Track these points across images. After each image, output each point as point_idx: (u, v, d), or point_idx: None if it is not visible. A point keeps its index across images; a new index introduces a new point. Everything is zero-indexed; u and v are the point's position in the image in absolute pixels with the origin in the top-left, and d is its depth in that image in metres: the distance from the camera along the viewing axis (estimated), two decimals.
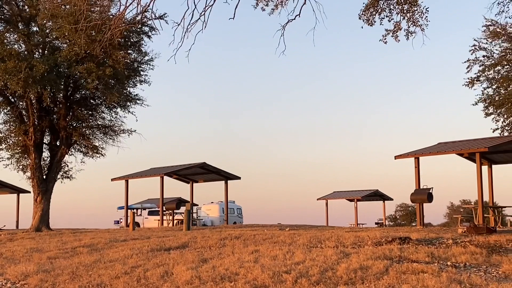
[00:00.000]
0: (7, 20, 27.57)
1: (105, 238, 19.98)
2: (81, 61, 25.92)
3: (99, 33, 17.42)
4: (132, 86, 29.25)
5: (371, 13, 14.88)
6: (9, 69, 23.86)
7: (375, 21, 14.98)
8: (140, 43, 28.50)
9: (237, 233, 18.88)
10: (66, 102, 28.77)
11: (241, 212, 46.34)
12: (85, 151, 30.80)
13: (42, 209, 28.49)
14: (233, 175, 37.52)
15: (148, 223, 41.50)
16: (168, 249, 15.85)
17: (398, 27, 14.79)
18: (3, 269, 14.38)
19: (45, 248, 18.03)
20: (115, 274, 12.25)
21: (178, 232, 22.32)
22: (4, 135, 29.60)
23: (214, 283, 10.54)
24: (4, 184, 42.19)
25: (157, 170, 35.62)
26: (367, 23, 14.99)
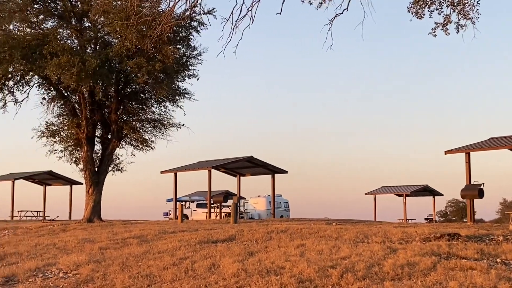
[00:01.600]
0: (61, 16, 28.18)
1: (154, 229, 20.32)
2: (131, 56, 26.32)
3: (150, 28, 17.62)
4: (181, 81, 29.57)
5: (421, 6, 14.69)
6: (62, 64, 24.38)
7: (424, 14, 14.79)
8: (189, 38, 28.78)
9: (283, 227, 18.95)
10: (117, 96, 29.29)
11: (288, 205, 46.38)
12: (135, 144, 31.30)
13: (94, 200, 29.09)
14: (280, 169, 37.61)
15: (196, 215, 41.96)
16: (215, 242, 16.05)
17: (448, 20, 14.56)
18: (56, 259, 14.80)
19: (97, 239, 18.45)
20: (163, 265, 12.50)
21: (225, 225, 22.53)
22: (58, 128, 30.33)
23: (260, 276, 10.66)
24: (57, 176, 43.27)
25: (205, 164, 35.98)
26: (416, 16, 14.81)
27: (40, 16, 27.88)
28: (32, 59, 25.68)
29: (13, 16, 26.27)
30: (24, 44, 25.36)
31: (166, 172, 36.33)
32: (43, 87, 29.98)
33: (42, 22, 28.02)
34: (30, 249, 17.19)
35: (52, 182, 46.23)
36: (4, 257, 16.05)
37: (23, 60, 25.35)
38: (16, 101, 28.93)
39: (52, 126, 30.26)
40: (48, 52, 24.96)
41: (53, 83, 27.98)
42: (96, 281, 11.80)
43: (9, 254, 16.45)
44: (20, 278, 12.83)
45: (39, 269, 13.59)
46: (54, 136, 30.19)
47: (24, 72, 27.72)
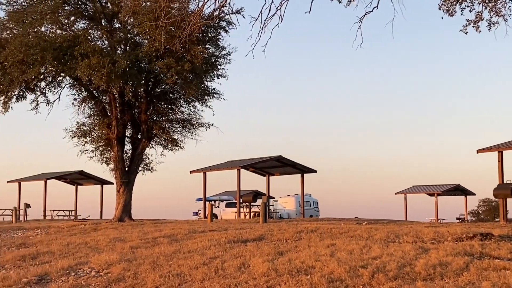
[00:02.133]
0: (91, 18, 28.48)
1: (184, 229, 20.41)
2: (161, 56, 26.46)
3: (178, 29, 17.75)
4: (209, 80, 29.66)
5: (452, 3, 14.55)
6: (93, 64, 24.62)
7: (456, 11, 14.64)
8: (217, 38, 28.84)
9: (313, 227, 18.90)
10: (147, 97, 29.49)
11: (317, 205, 46.25)
12: (164, 144, 31.48)
13: (125, 200, 29.33)
14: (309, 168, 37.54)
15: (226, 215, 42.09)
16: (245, 241, 16.06)
17: (479, 17, 14.41)
18: (88, 258, 14.96)
19: (127, 238, 18.61)
20: (194, 264, 12.55)
21: (255, 225, 22.54)
22: (89, 128, 30.66)
23: (290, 276, 10.64)
24: (88, 175, 43.75)
25: (234, 163, 36.06)
26: (447, 13, 14.67)
27: (71, 18, 28.21)
28: (63, 61, 25.96)
29: (45, 18, 26.61)
30: (56, 45, 25.65)
31: (196, 172, 36.50)
32: (74, 88, 30.34)
33: (73, 24, 28.36)
34: (63, 248, 17.40)
35: (83, 182, 46.77)
36: (37, 256, 16.27)
37: (55, 62, 25.64)
38: (48, 102, 29.31)
39: (83, 127, 30.63)
40: (79, 53, 25.23)
41: (84, 84, 28.28)
42: (128, 280, 11.90)
43: (42, 253, 16.67)
44: (53, 277, 12.99)
45: (71, 268, 13.74)
46: (85, 136, 30.54)
47: (55, 73, 28.06)
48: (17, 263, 15.50)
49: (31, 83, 27.67)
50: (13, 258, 16.12)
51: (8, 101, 27.64)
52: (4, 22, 27.79)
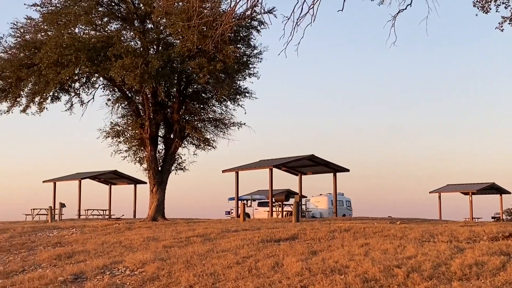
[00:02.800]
0: (124, 18, 28.74)
1: (217, 228, 20.48)
2: (193, 56, 26.58)
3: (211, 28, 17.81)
4: (241, 80, 29.73)
5: (487, 0, 14.36)
6: (126, 65, 24.85)
7: (491, 8, 14.43)
8: (249, 37, 28.89)
9: (346, 226, 18.82)
10: (179, 96, 29.65)
11: (350, 204, 46.03)
12: (197, 144, 31.62)
13: (158, 199, 29.54)
14: (342, 167, 37.40)
15: (258, 214, 42.11)
16: (278, 241, 16.06)
17: None
18: (122, 257, 15.09)
19: (161, 237, 18.74)
20: (227, 263, 12.58)
21: (288, 224, 22.51)
22: (122, 128, 30.99)
23: (324, 275, 10.60)
24: (122, 175, 44.19)
25: (266, 162, 36.07)
26: (482, 11, 14.48)
27: (104, 19, 28.51)
28: (97, 61, 26.26)
29: (79, 20, 26.93)
30: (89, 46, 25.95)
31: (228, 171, 36.60)
32: (107, 89, 30.70)
33: (106, 25, 28.66)
34: (97, 247, 17.60)
35: (117, 181, 47.25)
36: (73, 255, 16.48)
37: (89, 62, 25.92)
38: (82, 103, 29.72)
39: (116, 127, 30.97)
40: (113, 54, 25.49)
41: (117, 84, 28.56)
42: (162, 279, 11.97)
43: (77, 252, 16.87)
44: (88, 276, 13.13)
45: (106, 267, 13.87)
46: (118, 136, 30.88)
47: (89, 74, 28.41)
48: (53, 262, 15.72)
49: (65, 84, 28.05)
50: (49, 257, 16.35)
51: (43, 102, 28.05)
52: (39, 23, 28.22)
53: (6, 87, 27.85)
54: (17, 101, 28.07)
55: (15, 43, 28.21)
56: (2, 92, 27.95)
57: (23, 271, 14.89)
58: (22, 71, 26.64)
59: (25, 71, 26.67)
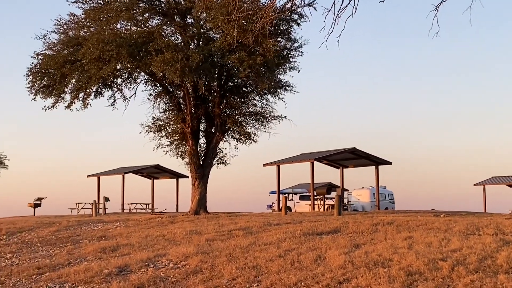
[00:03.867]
0: (165, 14, 28.92)
1: (259, 221, 20.52)
2: (233, 50, 26.59)
3: (251, 22, 17.81)
4: (282, 73, 29.61)
5: None
6: (167, 60, 25.00)
7: None
8: (289, 31, 28.76)
9: (389, 219, 18.66)
10: (220, 90, 29.74)
11: (392, 197, 45.59)
12: (238, 137, 31.66)
13: (200, 193, 29.71)
14: (384, 160, 37.04)
15: (300, 207, 42.01)
16: (320, 234, 16.01)
17: None
18: (166, 250, 15.25)
19: (203, 231, 18.86)
20: (269, 257, 12.60)
21: (329, 217, 22.42)
22: (164, 123, 31.24)
23: (367, 269, 10.54)
24: (164, 169, 44.57)
25: (308, 156, 35.95)
26: None
27: (145, 14, 28.73)
28: (138, 57, 26.48)
29: (120, 15, 27.20)
30: (131, 42, 26.19)
31: (269, 165, 36.59)
32: (149, 84, 30.98)
33: (147, 20, 28.89)
34: (141, 241, 17.81)
35: (159, 176, 47.68)
36: (117, 248, 16.71)
37: (130, 58, 26.16)
38: (125, 98, 30.04)
39: (158, 121, 31.24)
40: (154, 49, 25.68)
41: (159, 79, 28.79)
42: (205, 272, 12.06)
43: (122, 245, 17.11)
44: (132, 268, 13.31)
45: (150, 260, 14.04)
46: (160, 131, 31.15)
47: (131, 70, 28.66)
48: (98, 255, 15.97)
49: (108, 80, 28.41)
50: (94, 250, 16.63)
51: (87, 97, 28.47)
52: (82, 20, 28.63)
53: (50, 83, 28.31)
54: (61, 97, 28.50)
55: (59, 40, 28.69)
56: (47, 88, 28.42)
57: (69, 264, 15.18)
58: (65, 67, 27.04)
59: (69, 67, 27.06)
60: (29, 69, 28.37)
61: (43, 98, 28.50)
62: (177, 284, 11.53)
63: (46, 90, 28.40)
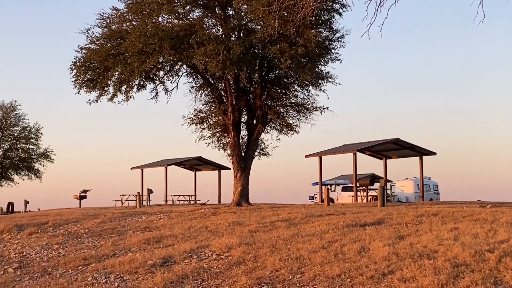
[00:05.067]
0: (206, 6, 28.97)
1: (301, 213, 20.46)
2: (274, 41, 26.50)
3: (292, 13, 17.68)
4: (323, 64, 29.40)
5: None
6: (208, 52, 25.06)
7: None
8: (331, 21, 28.52)
9: (434, 210, 18.40)
10: (261, 82, 29.69)
11: (437, 188, 45.01)
12: (279, 129, 31.60)
13: (242, 184, 29.77)
14: (428, 151, 36.56)
15: (342, 199, 41.83)
16: (363, 225, 15.88)
17: None
18: (208, 241, 15.32)
19: (246, 222, 18.89)
20: (312, 248, 12.55)
21: (373, 208, 22.24)
22: (206, 115, 31.37)
23: (412, 260, 10.40)
24: (206, 161, 44.84)
25: (350, 147, 35.71)
26: None
27: (186, 7, 28.83)
28: (180, 49, 26.60)
29: (162, 9, 27.36)
30: (173, 35, 26.33)
31: (311, 156, 36.44)
32: (191, 76, 31.13)
33: (188, 13, 28.99)
34: (184, 232, 17.94)
35: (201, 168, 47.99)
36: (161, 239, 16.87)
37: (172, 51, 26.30)
38: (167, 91, 30.26)
39: (200, 114, 31.38)
40: (195, 42, 25.76)
41: (200, 71, 28.88)
42: (248, 263, 12.07)
43: (165, 237, 17.26)
44: (176, 259, 13.42)
45: (193, 251, 14.13)
46: (202, 123, 31.28)
47: (173, 62, 28.83)
48: (142, 246, 16.15)
49: (150, 73, 28.65)
50: (139, 241, 16.82)
51: (129, 90, 28.78)
52: (124, 14, 28.91)
53: (94, 77, 28.70)
54: (104, 90, 28.87)
55: (102, 34, 29.04)
56: (91, 82, 28.82)
57: (114, 255, 15.38)
58: (108, 61, 27.35)
59: (112, 61, 27.35)
60: (73, 63, 28.83)
61: (87, 91, 28.92)
62: (220, 275, 11.57)
63: (90, 83, 28.80)
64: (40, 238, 20.50)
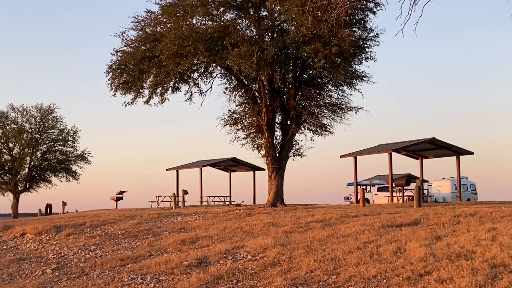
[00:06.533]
0: (239, 7, 29.04)
1: (336, 213, 20.37)
2: (308, 41, 26.45)
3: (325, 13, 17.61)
4: (357, 64, 29.27)
5: None
6: (242, 53, 25.11)
7: None
8: (365, 20, 28.34)
9: (471, 210, 18.14)
10: (295, 82, 29.66)
11: (474, 188, 44.39)
12: (314, 129, 31.52)
13: (276, 185, 29.75)
14: (465, 150, 36.06)
15: (378, 199, 41.53)
16: (399, 226, 15.74)
17: None
18: (244, 242, 15.35)
19: (281, 223, 18.88)
20: (348, 249, 12.48)
21: (409, 209, 22.02)
22: (240, 116, 31.47)
23: (449, 261, 10.27)
24: (241, 162, 44.92)
25: (385, 147, 35.41)
26: None
27: (220, 9, 28.95)
28: (214, 51, 26.70)
29: (196, 11, 27.54)
30: (207, 37, 26.44)
31: (346, 156, 36.23)
32: (225, 77, 31.23)
33: (222, 15, 29.09)
34: (219, 233, 18.01)
35: (236, 168, 48.09)
36: (196, 240, 16.97)
37: (206, 52, 26.39)
38: (201, 92, 30.39)
39: (234, 115, 31.50)
40: (229, 43, 25.84)
41: (234, 73, 28.96)
42: (283, 264, 12.06)
43: (201, 237, 17.36)
44: (211, 260, 13.47)
45: (229, 252, 14.17)
46: (236, 124, 31.38)
47: (207, 64, 28.94)
48: (178, 247, 16.26)
49: (185, 75, 28.81)
50: (174, 242, 16.94)
51: (164, 92, 28.95)
52: (158, 16, 29.13)
53: (129, 79, 28.99)
54: (140, 93, 29.13)
55: (137, 37, 29.32)
56: (126, 85, 29.11)
57: (150, 256, 15.52)
58: (144, 64, 27.60)
59: (147, 63, 27.60)
60: (109, 66, 29.19)
61: (123, 94, 29.23)
62: (255, 276, 11.58)
63: (126, 86, 29.09)
64: (77, 239, 20.80)
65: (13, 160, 55.52)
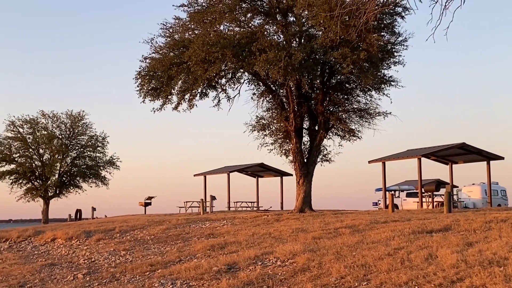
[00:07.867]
0: (267, 13, 29.10)
1: (365, 219, 20.26)
2: (335, 47, 26.37)
3: (353, 18, 17.58)
4: (386, 68, 29.10)
5: None
6: (270, 59, 25.12)
7: None
8: (393, 25, 28.20)
9: (503, 216, 17.91)
10: (323, 88, 29.60)
11: (505, 193, 43.83)
12: (342, 135, 31.45)
13: (305, 191, 29.69)
14: (496, 155, 35.64)
15: (407, 205, 41.19)
16: (430, 232, 15.59)
17: None
18: (272, 248, 15.34)
19: (309, 229, 18.83)
20: (378, 255, 12.39)
21: (439, 215, 21.80)
22: (268, 122, 31.50)
23: (481, 268, 10.15)
24: (268, 167, 44.93)
25: (414, 152, 35.15)
26: None
27: (248, 15, 29.03)
28: (242, 57, 26.75)
29: (223, 17, 27.66)
30: (234, 43, 26.51)
31: (374, 162, 36.04)
32: (252, 83, 31.29)
33: (250, 21, 29.17)
34: (248, 238, 18.02)
35: (263, 174, 48.08)
36: (225, 246, 17.00)
37: (234, 58, 26.47)
38: (229, 98, 30.44)
39: (262, 120, 31.53)
40: (257, 49, 25.87)
41: (262, 78, 29.00)
42: (313, 270, 12.02)
43: (229, 243, 17.38)
44: (241, 266, 13.48)
45: (258, 258, 14.17)
46: (264, 130, 31.42)
47: (235, 70, 29.03)
48: (207, 253, 16.30)
49: (213, 81, 28.91)
50: (203, 248, 16.99)
51: (192, 98, 29.08)
52: (186, 23, 29.31)
53: (158, 85, 29.17)
54: (168, 99, 29.30)
55: (165, 43, 29.51)
56: (155, 91, 29.29)
57: (180, 261, 15.58)
58: (172, 70, 27.76)
59: (175, 70, 27.76)
60: (137, 73, 29.39)
61: (152, 100, 29.39)
62: (285, 282, 11.56)
63: (154, 92, 29.27)
64: (107, 244, 20.97)
65: (43, 166, 56.28)
